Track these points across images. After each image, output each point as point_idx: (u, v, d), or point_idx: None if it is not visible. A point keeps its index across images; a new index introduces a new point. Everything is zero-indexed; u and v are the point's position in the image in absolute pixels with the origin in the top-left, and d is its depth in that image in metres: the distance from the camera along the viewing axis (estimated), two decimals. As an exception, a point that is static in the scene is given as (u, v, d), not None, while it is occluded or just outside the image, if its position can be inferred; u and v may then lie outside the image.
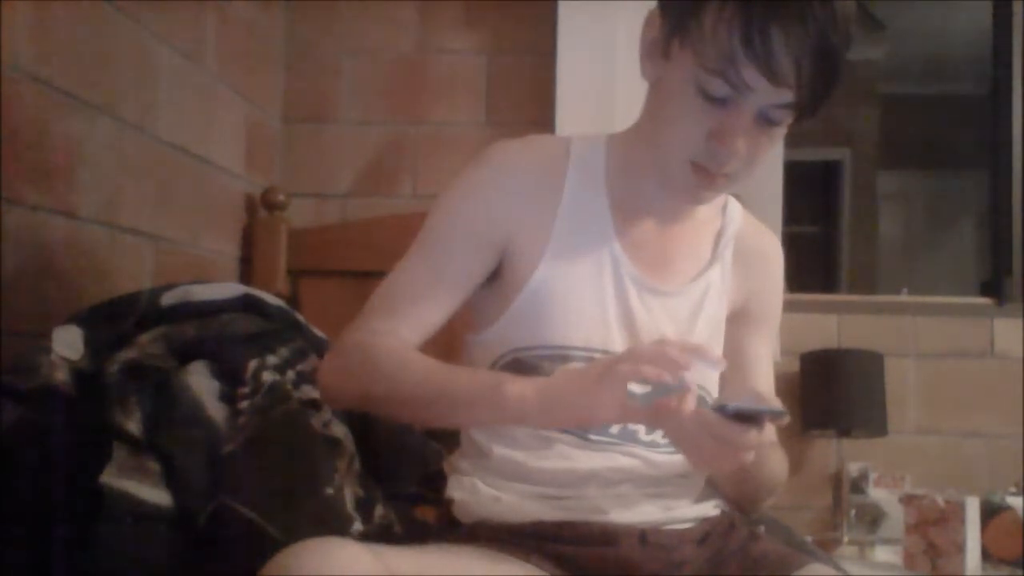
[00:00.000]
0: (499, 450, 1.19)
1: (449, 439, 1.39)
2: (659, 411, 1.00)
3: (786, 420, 1.02)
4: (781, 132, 1.14)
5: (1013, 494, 2.33)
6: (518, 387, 1.07)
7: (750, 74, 1.05)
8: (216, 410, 1.36)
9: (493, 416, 1.12)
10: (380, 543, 1.07)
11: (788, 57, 1.04)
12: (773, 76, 1.05)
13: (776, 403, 1.02)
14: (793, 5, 1.02)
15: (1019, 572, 2.21)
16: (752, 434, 1.00)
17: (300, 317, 1.71)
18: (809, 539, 2.08)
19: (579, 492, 1.17)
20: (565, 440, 1.17)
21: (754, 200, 1.73)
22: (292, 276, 2.40)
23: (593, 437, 1.17)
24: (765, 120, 1.10)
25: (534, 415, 1.06)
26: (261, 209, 2.42)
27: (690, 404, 0.99)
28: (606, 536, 1.15)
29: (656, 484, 1.18)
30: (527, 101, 2.61)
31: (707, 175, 1.13)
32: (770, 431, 1.07)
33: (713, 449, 1.02)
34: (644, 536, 1.16)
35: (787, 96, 1.07)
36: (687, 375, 1.01)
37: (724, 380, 1.26)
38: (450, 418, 1.18)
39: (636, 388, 1.01)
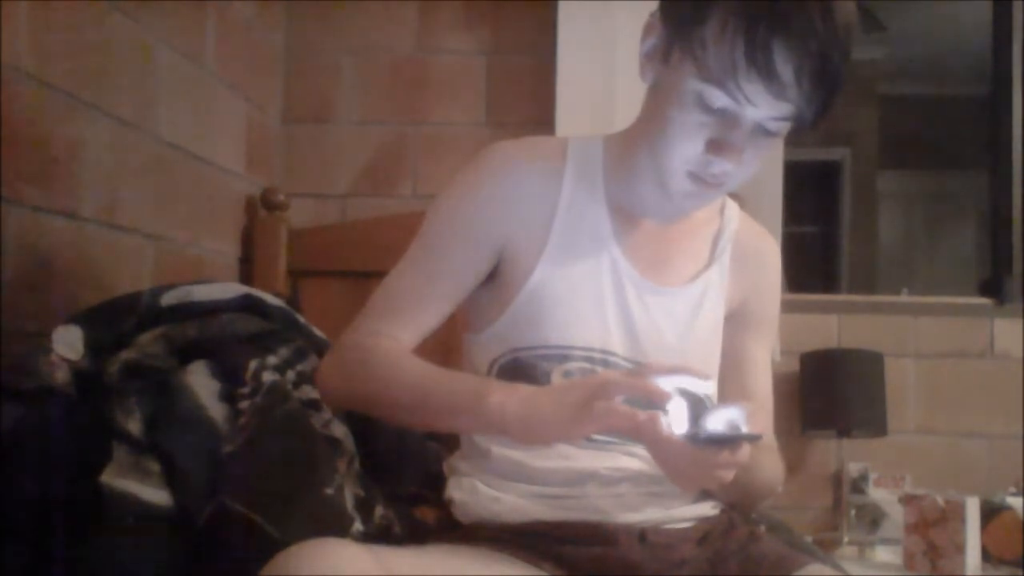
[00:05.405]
0: (498, 450, 1.19)
1: (449, 439, 1.39)
2: (634, 433, 1.03)
3: (760, 440, 1.05)
4: (779, 141, 1.14)
5: (1013, 494, 2.33)
6: (501, 399, 1.07)
7: (751, 88, 1.05)
8: (216, 410, 1.35)
9: (476, 425, 1.14)
10: (380, 543, 1.07)
11: (790, 72, 1.03)
12: (774, 90, 1.04)
13: (760, 423, 1.04)
14: (796, 20, 1.02)
15: (1019, 572, 2.20)
16: (725, 456, 1.01)
17: (300, 317, 1.71)
18: (809, 539, 2.08)
19: (579, 491, 1.17)
20: (565, 439, 1.17)
21: (754, 200, 1.74)
22: (292, 276, 2.39)
23: (593, 436, 1.17)
24: (763, 131, 1.10)
25: (514, 429, 1.07)
26: (261, 209, 2.41)
27: (663, 430, 1.00)
28: (606, 536, 1.15)
29: (655, 483, 1.18)
30: (527, 101, 2.61)
31: (703, 183, 1.13)
32: (768, 437, 1.08)
33: (690, 470, 1.03)
34: (644, 536, 1.16)
35: (787, 109, 1.07)
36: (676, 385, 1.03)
37: (723, 380, 1.27)
38: (437, 423, 1.19)
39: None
